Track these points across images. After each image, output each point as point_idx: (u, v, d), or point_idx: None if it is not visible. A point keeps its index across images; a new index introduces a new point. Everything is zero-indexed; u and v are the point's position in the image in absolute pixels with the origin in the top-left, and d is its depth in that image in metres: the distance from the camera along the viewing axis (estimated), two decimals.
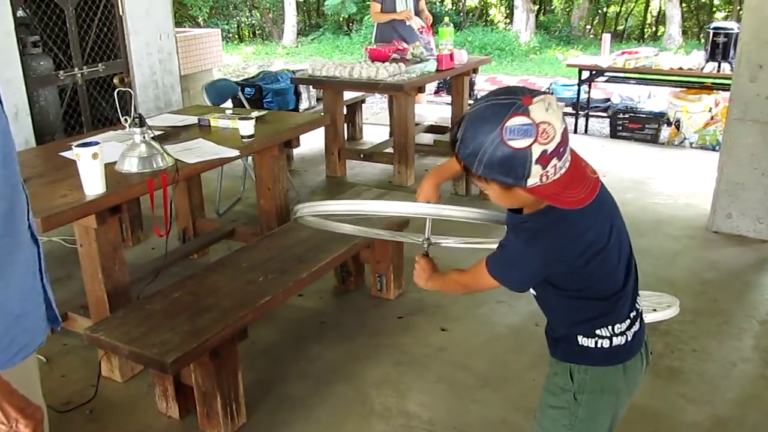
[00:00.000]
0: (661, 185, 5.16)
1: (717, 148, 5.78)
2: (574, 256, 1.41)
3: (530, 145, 1.25)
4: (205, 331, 2.21)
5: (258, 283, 2.55)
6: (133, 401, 2.65)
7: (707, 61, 6.08)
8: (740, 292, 3.46)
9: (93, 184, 2.47)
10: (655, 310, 3.10)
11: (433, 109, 7.45)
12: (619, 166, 5.70)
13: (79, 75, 5.35)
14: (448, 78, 7.25)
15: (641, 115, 6.58)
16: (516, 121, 1.24)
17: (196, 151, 3.00)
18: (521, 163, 1.26)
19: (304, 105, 5.75)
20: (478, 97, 8.36)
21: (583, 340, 1.52)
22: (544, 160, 1.26)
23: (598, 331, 1.51)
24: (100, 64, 5.53)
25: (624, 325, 1.53)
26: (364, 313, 3.28)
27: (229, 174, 5.10)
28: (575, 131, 6.94)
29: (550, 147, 1.25)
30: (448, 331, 3.09)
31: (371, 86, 5.09)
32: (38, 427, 1.23)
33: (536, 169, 1.27)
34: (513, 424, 2.45)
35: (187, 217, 3.92)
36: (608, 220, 1.47)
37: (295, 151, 5.97)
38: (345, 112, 5.72)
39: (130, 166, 2.71)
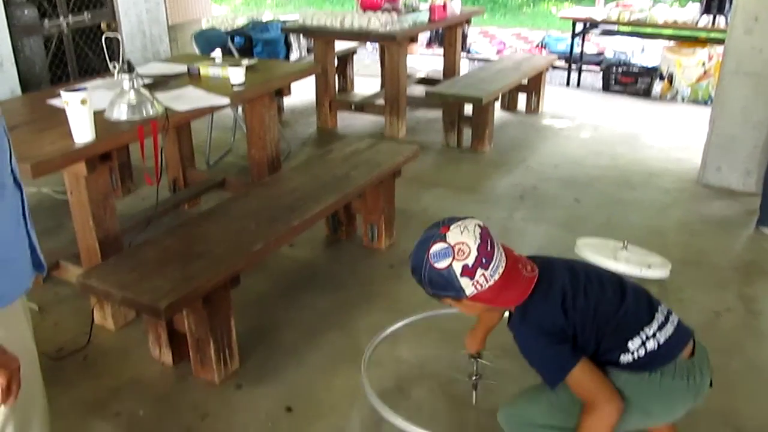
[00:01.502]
0: (653, 139, 5.17)
1: (709, 102, 5.78)
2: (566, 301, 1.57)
3: (450, 264, 1.50)
4: (198, 278, 2.22)
5: (250, 231, 2.55)
6: (126, 348, 2.67)
7: (702, 14, 6.03)
8: (727, 243, 3.50)
9: (82, 131, 2.44)
10: (649, 266, 3.13)
11: (425, 61, 7.37)
12: (611, 120, 5.70)
13: (65, 24, 5.24)
14: (441, 30, 7.18)
15: (634, 69, 6.56)
16: (436, 248, 1.52)
17: (186, 99, 2.97)
18: (450, 279, 1.51)
19: (294, 56, 5.68)
20: (471, 49, 8.28)
21: (623, 358, 1.58)
22: (468, 272, 1.49)
23: (630, 344, 1.57)
24: (85, 13, 5.42)
25: (653, 328, 1.59)
26: (355, 262, 3.30)
27: (219, 125, 5.06)
28: (567, 84, 6.92)
29: (470, 261, 1.49)
30: None
31: (363, 36, 5.03)
32: (13, 376, 1.22)
33: (465, 281, 1.50)
34: (505, 370, 2.48)
35: (177, 167, 3.90)
36: (566, 270, 1.64)
37: (286, 103, 5.93)
38: (336, 63, 5.66)
39: (120, 113, 2.68)
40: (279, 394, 2.40)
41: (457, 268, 1.49)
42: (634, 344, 1.56)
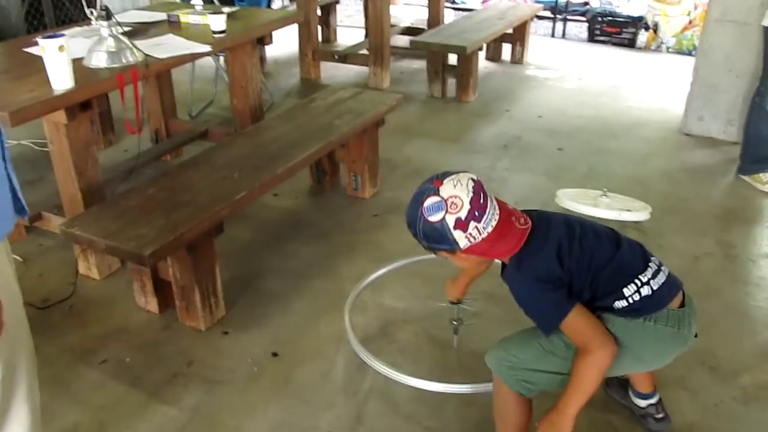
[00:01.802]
0: (637, 89, 5.17)
1: (694, 52, 5.76)
2: (561, 248, 1.59)
3: (443, 217, 1.52)
4: (182, 225, 2.22)
5: (233, 179, 2.54)
6: (111, 297, 2.68)
7: None
8: (707, 191, 3.54)
9: (60, 78, 2.40)
10: (629, 210, 3.17)
11: (409, 11, 7.27)
12: (595, 70, 5.68)
13: None
14: None
15: (619, 19, 6.50)
16: (429, 201, 1.53)
17: (167, 46, 2.92)
18: (444, 232, 1.53)
19: (276, 5, 5.58)
20: (456, 0, 8.13)
21: (618, 304, 1.60)
22: (461, 225, 1.51)
23: (625, 290, 1.60)
24: None
25: (647, 275, 1.61)
26: (339, 211, 3.31)
27: (201, 77, 4.99)
28: (552, 35, 6.86)
29: (462, 215, 1.51)
30: None
31: None
32: None
33: (458, 234, 1.52)
34: (486, 313, 2.53)
35: (159, 118, 3.86)
36: (561, 223, 1.68)
37: (269, 54, 5.85)
38: (319, 13, 5.57)
39: (99, 60, 2.64)
40: (265, 340, 2.43)
41: (450, 221, 1.51)
42: (629, 290, 1.59)
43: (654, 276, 1.62)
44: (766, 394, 2.18)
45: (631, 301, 1.60)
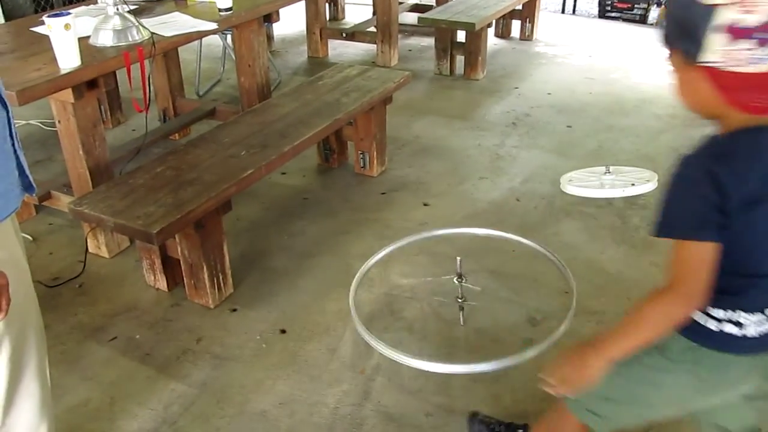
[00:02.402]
0: (648, 66, 5.11)
1: None
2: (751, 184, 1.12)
3: (718, 4, 1.02)
4: (189, 203, 2.23)
5: (240, 157, 2.54)
6: (121, 275, 2.70)
7: None
8: None
9: (67, 57, 2.41)
10: (633, 184, 3.15)
11: None
12: (605, 46, 5.62)
13: None
14: None
15: None
16: None
17: (173, 24, 2.91)
18: (698, 20, 1.05)
19: None
20: None
21: (709, 315, 1.22)
22: (733, 32, 1.02)
23: (713, 311, 1.22)
24: None
25: (751, 319, 1.20)
26: (347, 189, 3.31)
27: (208, 56, 4.99)
28: (563, 11, 6.79)
29: (748, 20, 1.00)
30: (431, 206, 3.14)
31: None
32: (1, 292, 1.22)
33: (717, 40, 1.03)
34: (491, 291, 2.54)
35: (166, 97, 3.86)
36: None
37: (276, 32, 5.82)
38: None
39: (105, 39, 2.64)
40: (273, 317, 2.44)
41: (725, 16, 1.02)
42: (742, 316, 1.20)
43: (759, 326, 1.21)
44: None
45: (702, 323, 1.22)
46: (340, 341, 2.32)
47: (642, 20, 6.33)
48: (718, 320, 1.21)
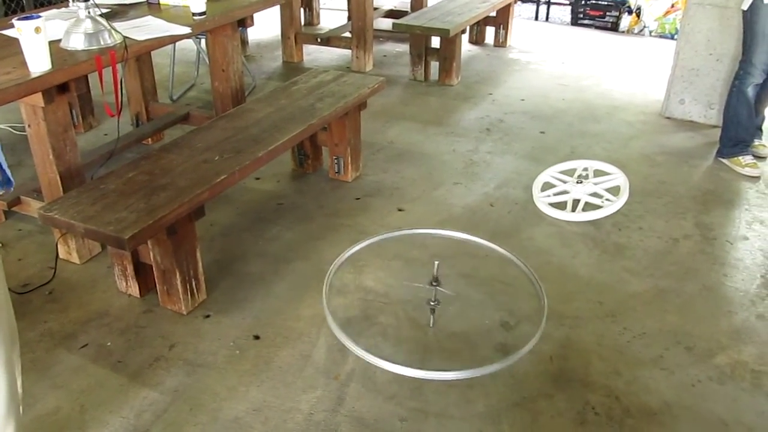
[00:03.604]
0: (619, 73, 5.18)
1: (676, 36, 5.79)
2: None
3: None
4: (161, 209, 2.21)
5: (214, 162, 2.53)
6: (92, 282, 2.67)
7: None
8: (687, 174, 3.57)
9: (37, 60, 2.37)
10: (603, 202, 3.19)
11: None
12: (578, 53, 5.69)
13: None
14: None
15: (602, 3, 6.51)
16: None
17: (146, 28, 2.89)
18: None
19: None
20: None
21: None
22: None
23: None
24: None
25: None
26: (321, 195, 3.30)
27: (182, 60, 4.96)
28: (536, 18, 6.86)
29: None
30: (405, 211, 3.15)
31: None
32: None
33: None
34: (466, 298, 2.55)
35: (139, 101, 3.82)
36: None
37: (251, 37, 5.80)
38: None
39: (76, 42, 2.61)
40: (247, 323, 2.43)
41: None
42: None
43: None
44: (742, 373, 2.21)
45: None
46: (314, 347, 2.32)
47: (614, 28, 6.43)
48: None
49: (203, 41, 4.52)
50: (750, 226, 3.07)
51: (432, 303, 2.40)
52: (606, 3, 6.48)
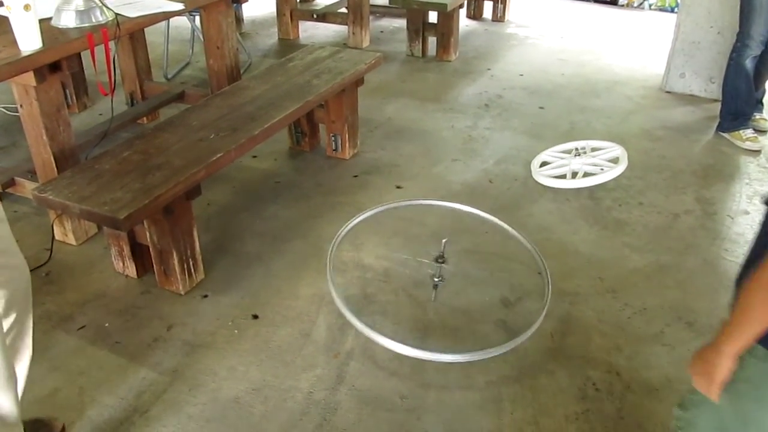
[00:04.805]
0: (619, 47, 5.13)
1: (675, 9, 5.73)
2: None
3: None
4: (157, 188, 2.18)
5: (209, 140, 2.50)
6: (89, 263, 2.65)
7: None
8: (687, 148, 3.54)
9: (28, 39, 2.33)
10: (603, 169, 3.17)
11: None
12: (577, 28, 5.63)
13: None
14: None
15: None
16: None
17: (138, 5, 2.84)
18: None
19: None
20: None
21: None
22: None
23: None
24: None
25: None
26: (319, 173, 3.28)
27: (176, 38, 4.90)
28: None
29: None
30: (404, 188, 3.12)
31: None
32: None
33: None
34: (465, 272, 2.53)
35: (133, 80, 3.77)
36: None
37: (246, 14, 5.73)
38: None
39: (67, 20, 2.56)
40: (245, 302, 2.42)
41: None
42: None
43: None
44: None
45: None
46: (314, 325, 2.30)
47: (613, 1, 6.35)
48: None
49: (197, 18, 4.46)
50: (751, 200, 3.05)
51: (436, 279, 2.38)
52: None
